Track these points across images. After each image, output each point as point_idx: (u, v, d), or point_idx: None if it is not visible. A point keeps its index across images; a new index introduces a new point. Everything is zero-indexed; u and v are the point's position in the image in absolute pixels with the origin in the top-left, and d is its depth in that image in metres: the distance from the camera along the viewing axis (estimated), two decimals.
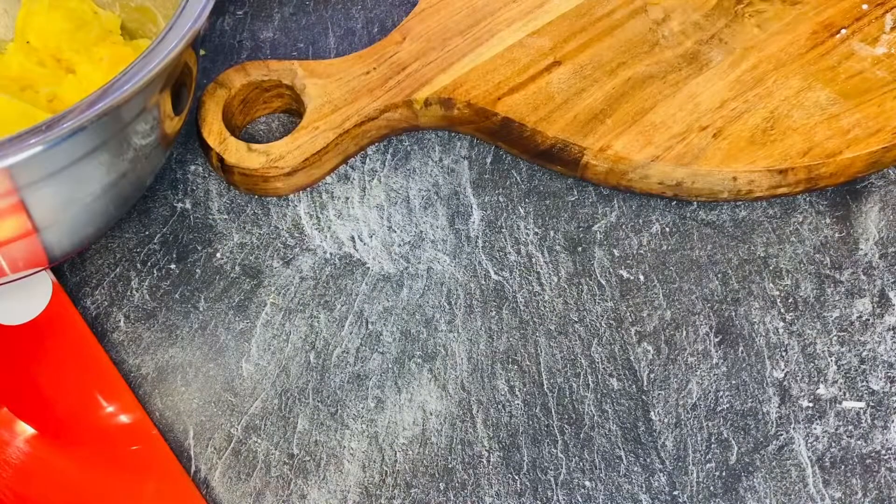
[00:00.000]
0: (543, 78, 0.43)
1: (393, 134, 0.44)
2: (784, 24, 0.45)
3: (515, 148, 0.43)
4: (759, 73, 0.43)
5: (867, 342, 0.38)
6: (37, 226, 0.34)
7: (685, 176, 0.41)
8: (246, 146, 0.41)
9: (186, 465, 0.36)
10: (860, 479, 0.35)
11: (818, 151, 0.41)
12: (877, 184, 0.43)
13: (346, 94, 0.43)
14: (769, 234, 0.41)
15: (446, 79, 0.43)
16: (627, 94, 0.43)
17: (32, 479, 0.35)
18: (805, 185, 0.41)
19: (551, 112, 0.42)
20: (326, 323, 0.39)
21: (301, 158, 0.41)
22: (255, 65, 0.43)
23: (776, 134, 0.41)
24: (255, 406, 0.37)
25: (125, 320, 0.39)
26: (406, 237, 0.41)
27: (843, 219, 0.42)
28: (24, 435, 0.36)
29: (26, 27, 0.42)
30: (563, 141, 0.41)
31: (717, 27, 0.45)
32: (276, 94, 0.44)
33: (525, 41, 0.45)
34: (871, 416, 0.37)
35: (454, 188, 0.43)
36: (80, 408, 0.37)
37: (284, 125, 0.45)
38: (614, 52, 0.44)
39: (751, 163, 0.40)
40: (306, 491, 0.35)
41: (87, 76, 0.41)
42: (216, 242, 0.41)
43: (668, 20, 0.45)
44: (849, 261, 0.40)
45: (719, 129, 0.41)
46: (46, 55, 0.42)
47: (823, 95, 0.42)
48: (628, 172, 0.41)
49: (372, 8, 0.50)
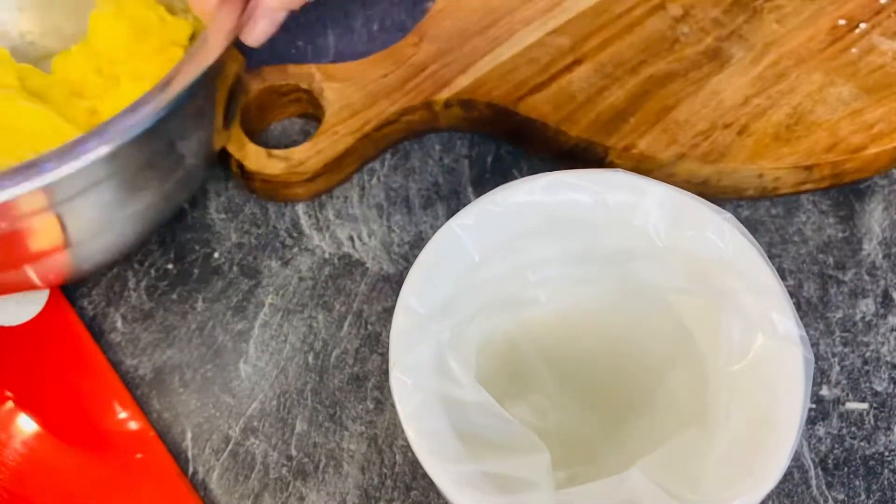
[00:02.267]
0: (565, 77, 0.43)
1: (412, 137, 0.44)
2: (803, 19, 0.45)
3: (537, 148, 0.43)
4: (780, 68, 0.43)
5: (870, 343, 0.38)
6: (71, 241, 0.34)
7: (711, 174, 0.40)
8: (266, 152, 0.41)
9: (184, 466, 0.36)
10: (863, 481, 0.35)
11: (843, 147, 0.40)
12: (880, 183, 0.42)
13: (365, 97, 0.42)
14: (772, 234, 0.41)
15: (466, 80, 0.43)
16: (650, 93, 0.42)
17: (29, 481, 0.35)
18: (830, 181, 0.41)
19: (574, 111, 0.42)
20: (325, 323, 0.39)
21: (321, 163, 0.40)
22: (272, 69, 0.43)
23: (800, 130, 0.41)
24: (253, 407, 0.37)
25: (122, 321, 0.39)
26: (406, 237, 0.41)
27: (846, 219, 0.41)
28: (21, 436, 0.36)
29: (93, 31, 0.41)
30: (586, 140, 0.41)
31: (736, 23, 0.45)
32: (293, 98, 0.43)
33: (544, 40, 0.44)
34: (874, 417, 0.36)
35: (454, 187, 0.43)
36: (77, 409, 0.36)
37: (299, 130, 0.45)
38: (635, 50, 0.44)
39: (777, 159, 0.40)
40: (305, 493, 0.35)
41: (128, 92, 0.40)
42: (214, 242, 0.41)
43: (688, 17, 0.45)
44: (852, 261, 0.40)
45: (744, 126, 0.41)
46: (106, 62, 0.41)
47: (846, 90, 0.42)
48: (653, 171, 0.41)
49: (371, 6, 0.49)
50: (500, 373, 0.33)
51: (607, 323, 0.32)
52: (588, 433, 0.34)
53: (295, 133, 0.45)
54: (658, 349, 0.31)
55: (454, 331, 0.28)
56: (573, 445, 0.33)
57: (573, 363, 0.34)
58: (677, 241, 0.29)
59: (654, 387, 0.32)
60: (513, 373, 0.34)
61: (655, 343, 0.31)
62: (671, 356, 0.30)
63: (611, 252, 0.30)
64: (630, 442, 0.32)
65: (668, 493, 0.25)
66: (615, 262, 0.31)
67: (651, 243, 0.29)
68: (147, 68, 0.40)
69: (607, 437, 0.33)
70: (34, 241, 0.32)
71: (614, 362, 0.33)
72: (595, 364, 0.33)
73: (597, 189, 0.30)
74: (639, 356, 0.32)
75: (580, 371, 0.34)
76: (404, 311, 0.28)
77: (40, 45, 0.44)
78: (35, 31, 0.44)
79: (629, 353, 0.32)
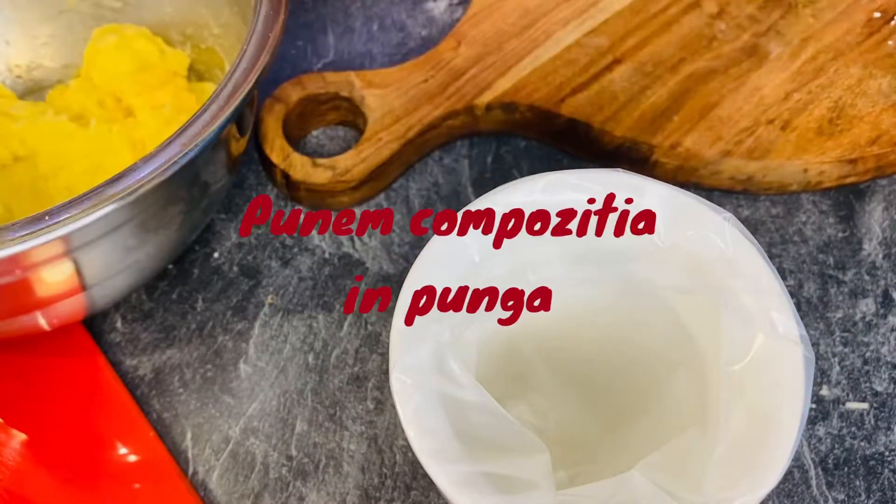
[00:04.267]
0: (605, 77, 0.43)
1: (452, 140, 0.44)
2: (838, 12, 0.45)
3: (579, 149, 0.43)
4: (818, 63, 0.43)
5: (871, 343, 0.38)
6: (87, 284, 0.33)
7: (757, 170, 0.41)
8: (311, 161, 0.41)
9: (184, 466, 0.36)
10: (863, 481, 0.35)
11: (886, 139, 0.41)
12: (880, 183, 0.42)
13: (406, 102, 0.42)
14: (773, 234, 0.41)
15: (506, 83, 0.43)
16: (691, 90, 0.42)
17: (28, 481, 0.35)
18: (873, 173, 0.42)
19: (617, 111, 0.42)
20: (325, 323, 0.39)
21: (367, 171, 0.40)
22: (311, 77, 0.43)
23: (843, 123, 0.41)
24: (253, 407, 0.37)
25: (122, 321, 0.39)
26: (406, 237, 0.41)
27: (846, 219, 0.41)
28: (21, 437, 0.36)
29: (92, 64, 0.41)
30: (631, 140, 0.41)
31: (772, 19, 0.45)
32: (332, 106, 0.43)
33: (582, 41, 0.44)
34: (874, 417, 0.36)
35: (454, 187, 0.43)
36: (77, 410, 0.36)
37: (331, 137, 0.44)
38: (673, 48, 0.44)
39: (821, 154, 0.40)
40: (305, 493, 0.35)
41: (146, 123, 0.40)
42: (214, 242, 0.41)
43: (723, 14, 0.45)
44: (852, 261, 0.40)
45: (786, 122, 0.41)
46: (107, 95, 0.41)
47: (885, 83, 0.42)
48: (699, 169, 0.41)
49: (371, 6, 0.49)
50: (500, 373, 0.33)
51: (607, 323, 0.32)
52: (588, 433, 0.34)
53: (328, 141, 0.44)
54: (658, 349, 0.31)
55: (454, 331, 0.28)
56: (573, 446, 0.33)
57: (573, 363, 0.34)
58: (677, 240, 0.29)
59: (654, 387, 0.31)
60: (513, 373, 0.34)
61: (655, 343, 0.31)
62: (671, 356, 0.30)
63: (611, 252, 0.30)
64: (630, 442, 0.32)
65: (669, 493, 0.25)
66: (615, 262, 0.30)
67: (651, 243, 0.29)
68: (163, 98, 0.40)
69: (607, 438, 0.33)
70: (47, 287, 0.32)
71: (614, 362, 0.33)
72: (595, 364, 0.33)
73: (597, 189, 0.29)
74: (639, 356, 0.32)
75: (580, 371, 0.34)
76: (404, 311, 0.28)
77: (27, 79, 0.44)
78: (22, 64, 0.44)
79: (629, 353, 0.32)
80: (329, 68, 0.47)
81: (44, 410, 0.36)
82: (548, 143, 0.44)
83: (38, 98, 0.44)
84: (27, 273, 0.30)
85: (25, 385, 0.37)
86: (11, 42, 0.44)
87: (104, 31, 0.42)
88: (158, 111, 0.40)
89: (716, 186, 0.42)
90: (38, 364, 0.37)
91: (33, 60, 0.44)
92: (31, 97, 0.44)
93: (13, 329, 0.35)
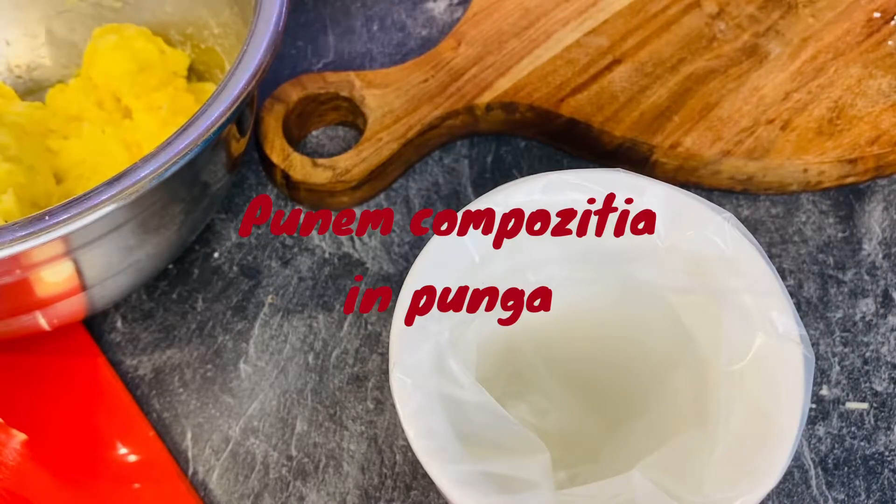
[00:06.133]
0: (605, 77, 0.43)
1: (452, 140, 0.44)
2: (838, 12, 0.45)
3: (578, 149, 0.43)
4: (818, 63, 0.43)
5: (871, 343, 0.38)
6: (87, 284, 0.33)
7: (757, 170, 0.41)
8: (311, 161, 0.41)
9: (184, 466, 0.36)
10: (863, 481, 0.35)
11: (886, 139, 0.41)
12: (880, 183, 0.42)
13: (406, 102, 0.42)
14: (772, 234, 0.41)
15: (507, 83, 0.43)
16: (691, 90, 0.43)
17: (29, 481, 0.35)
18: (873, 173, 0.42)
19: (617, 111, 0.42)
20: (325, 323, 0.39)
21: (367, 171, 0.40)
22: (311, 77, 0.43)
23: (843, 123, 0.41)
24: (253, 407, 0.37)
25: (122, 321, 0.39)
26: (406, 237, 0.41)
27: (846, 219, 0.41)
28: (21, 437, 0.36)
29: (91, 64, 0.41)
30: (631, 140, 0.41)
31: (772, 19, 0.45)
32: (332, 106, 0.43)
33: (582, 41, 0.44)
34: (874, 417, 0.36)
35: (454, 187, 0.43)
36: (77, 410, 0.36)
37: (331, 137, 0.44)
38: (673, 48, 0.44)
39: (821, 154, 0.40)
40: (305, 493, 0.35)
41: (143, 124, 0.40)
42: (214, 242, 0.41)
43: (723, 14, 0.45)
44: (852, 261, 0.40)
45: (786, 122, 0.41)
46: (107, 95, 0.41)
47: (885, 83, 0.43)
48: (699, 168, 0.41)
49: (371, 6, 0.49)
50: (500, 373, 0.33)
51: (607, 323, 0.32)
52: (588, 433, 0.34)
53: (328, 141, 0.44)
54: (658, 349, 0.31)
55: (454, 331, 0.28)
56: (573, 445, 0.33)
57: (573, 363, 0.34)
58: (677, 240, 0.29)
59: (654, 387, 0.31)
60: (513, 373, 0.34)
61: (655, 343, 0.31)
62: (671, 356, 0.30)
63: (611, 252, 0.30)
64: (630, 442, 0.32)
65: (669, 493, 0.25)
66: (615, 262, 0.30)
67: (651, 243, 0.29)
68: (161, 99, 0.40)
69: (607, 437, 0.33)
70: (47, 287, 0.32)
71: (614, 362, 0.33)
72: (595, 364, 0.33)
73: (597, 189, 0.29)
74: (639, 356, 0.32)
75: (580, 371, 0.34)
76: (404, 311, 0.28)
77: (28, 79, 0.44)
78: (22, 64, 0.44)
79: (629, 352, 0.32)
80: (329, 68, 0.47)
81: (44, 410, 0.36)
82: (548, 143, 0.44)
83: (38, 98, 0.44)
84: (27, 273, 0.30)
85: (25, 385, 0.37)
86: (11, 42, 0.44)
87: (104, 30, 0.42)
88: (155, 113, 0.40)
89: (716, 186, 0.42)
90: (38, 364, 0.37)
91: (33, 60, 0.44)
92: (31, 97, 0.44)
93: (13, 329, 0.35)
